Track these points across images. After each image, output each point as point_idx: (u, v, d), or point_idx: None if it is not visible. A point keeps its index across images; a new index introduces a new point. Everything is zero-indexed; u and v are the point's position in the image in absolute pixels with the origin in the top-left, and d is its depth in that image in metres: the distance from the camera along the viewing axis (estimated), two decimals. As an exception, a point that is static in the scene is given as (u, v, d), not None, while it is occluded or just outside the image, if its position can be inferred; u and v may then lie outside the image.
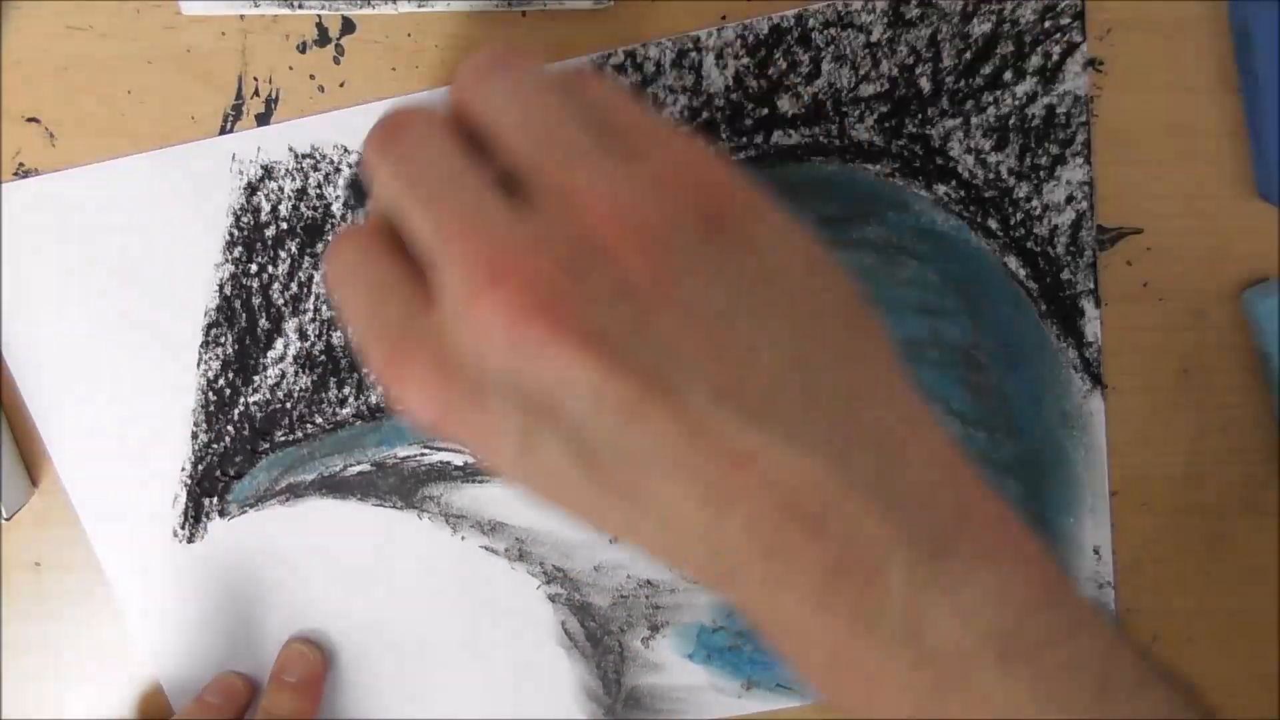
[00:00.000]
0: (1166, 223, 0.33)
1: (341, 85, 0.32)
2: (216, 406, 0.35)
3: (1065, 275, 0.33)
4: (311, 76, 0.32)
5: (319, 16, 0.31)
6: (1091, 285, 0.33)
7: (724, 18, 0.31)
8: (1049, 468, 0.35)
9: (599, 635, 0.37)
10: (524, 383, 0.19)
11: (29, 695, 0.38)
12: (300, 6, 0.31)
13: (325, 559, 0.36)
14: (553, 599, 0.37)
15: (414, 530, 0.36)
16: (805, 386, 0.20)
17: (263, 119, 0.32)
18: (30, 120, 0.33)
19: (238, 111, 0.32)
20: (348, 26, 0.32)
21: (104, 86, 0.32)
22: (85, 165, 0.33)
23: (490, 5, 0.31)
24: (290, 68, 0.32)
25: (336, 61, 0.32)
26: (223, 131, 0.32)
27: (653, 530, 0.20)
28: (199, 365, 0.34)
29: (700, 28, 0.31)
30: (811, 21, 0.31)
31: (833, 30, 0.31)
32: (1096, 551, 0.36)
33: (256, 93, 0.32)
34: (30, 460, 0.36)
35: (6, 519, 0.35)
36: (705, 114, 0.32)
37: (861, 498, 0.19)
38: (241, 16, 0.31)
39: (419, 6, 0.31)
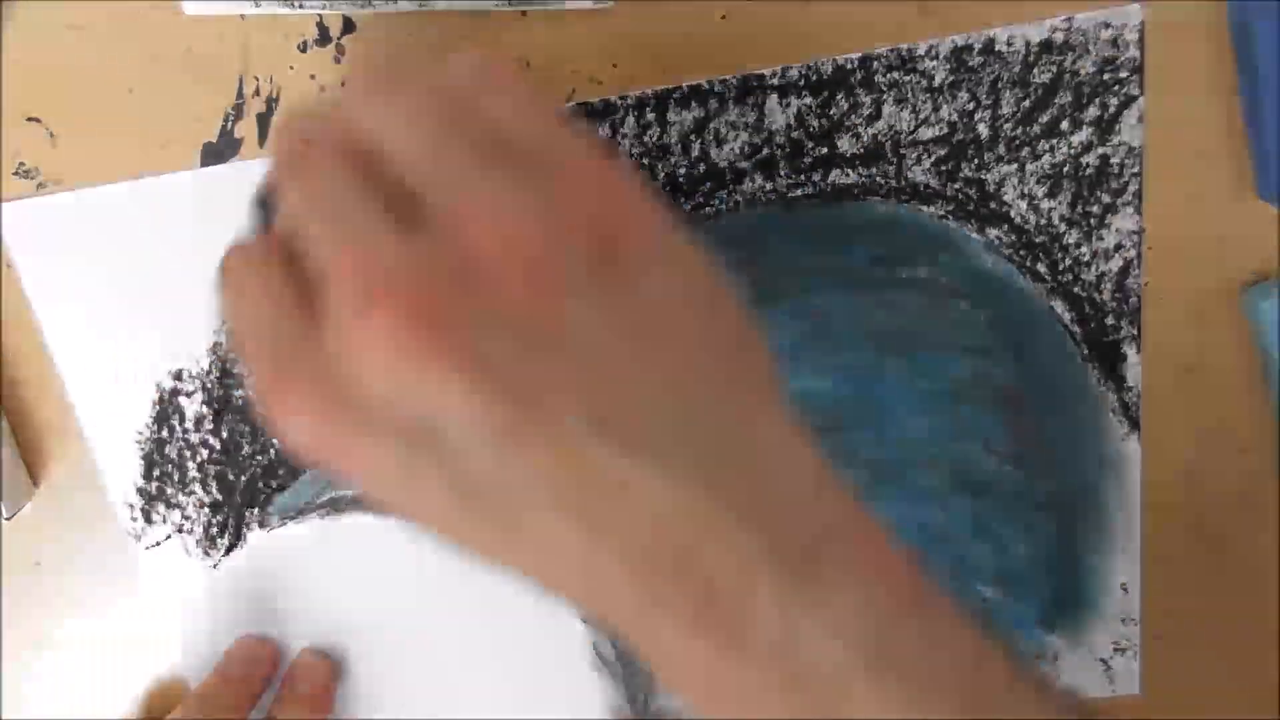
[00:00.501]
0: (1166, 223, 0.33)
1: (342, 85, 0.32)
2: (264, 419, 0.35)
3: (1109, 321, 0.34)
4: (312, 76, 0.32)
5: (319, 16, 0.31)
6: (1135, 331, 0.34)
7: (724, 17, 0.31)
8: (1084, 507, 0.35)
9: (629, 655, 0.37)
10: (403, 408, 0.19)
11: (29, 695, 0.38)
12: (301, 6, 0.31)
13: (359, 574, 0.36)
14: (585, 619, 0.37)
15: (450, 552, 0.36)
16: (682, 416, 0.20)
17: (263, 119, 0.32)
18: (30, 120, 0.33)
19: (238, 111, 0.32)
20: (348, 26, 0.32)
21: (104, 86, 0.32)
22: (121, 181, 0.33)
23: (490, 5, 0.31)
24: (291, 68, 0.32)
25: (337, 61, 0.32)
26: (223, 131, 0.32)
27: (532, 559, 0.20)
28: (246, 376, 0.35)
29: (701, 28, 0.31)
30: (876, 64, 0.31)
31: (896, 74, 0.31)
32: (1124, 588, 0.36)
33: (257, 92, 0.32)
34: (31, 461, 0.36)
35: (7, 519, 0.35)
36: (765, 150, 0.32)
37: (730, 522, 0.19)
38: (242, 16, 0.31)
39: (419, 6, 0.31)
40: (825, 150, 0.32)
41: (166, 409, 0.35)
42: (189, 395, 0.35)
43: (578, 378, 0.19)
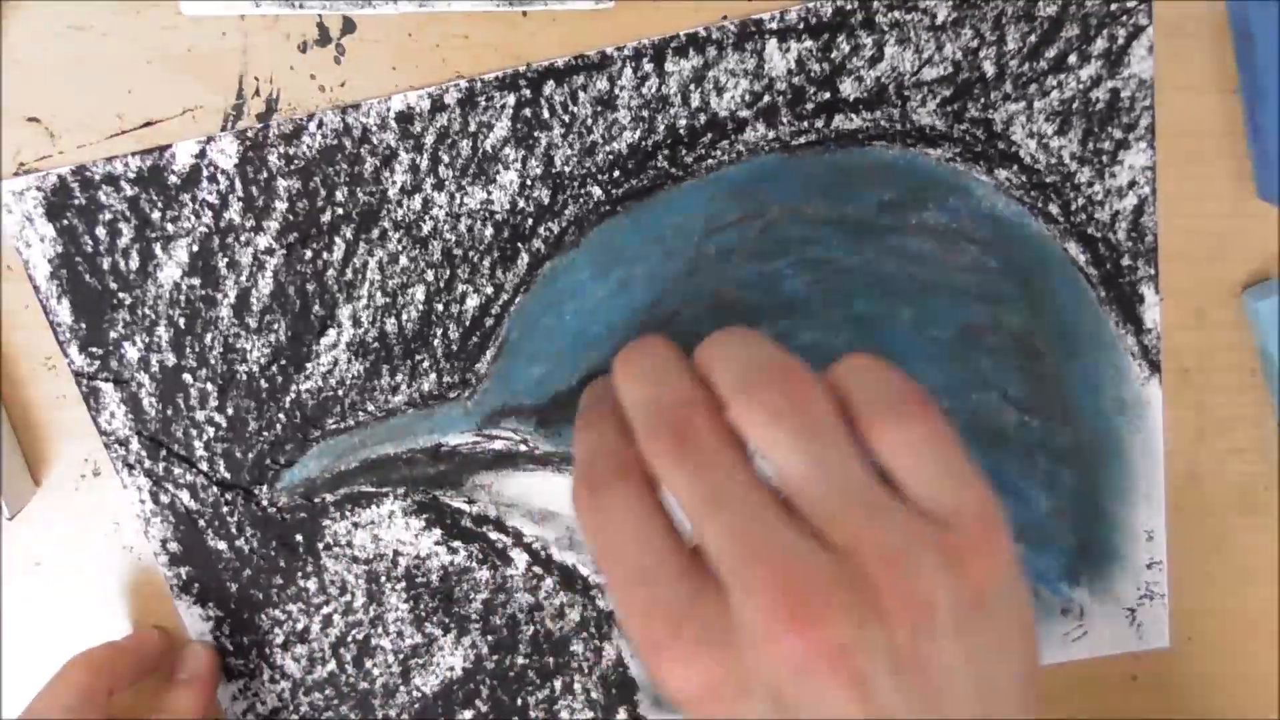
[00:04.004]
0: (1167, 223, 0.33)
1: (342, 85, 0.32)
2: (268, 394, 0.35)
3: (1125, 261, 0.33)
4: (312, 76, 0.32)
5: (319, 16, 0.31)
6: (1152, 271, 0.33)
7: (725, 17, 0.31)
8: (1105, 454, 0.35)
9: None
10: (784, 695, 0.22)
11: (29, 695, 0.37)
12: (301, 6, 0.31)
13: (366, 561, 0.36)
14: (602, 588, 0.37)
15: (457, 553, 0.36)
16: None
17: (263, 119, 0.32)
18: (30, 120, 0.32)
19: (238, 111, 0.32)
20: (348, 26, 0.31)
21: (104, 86, 0.32)
22: (127, 153, 0.32)
23: (491, 5, 0.31)
24: (291, 67, 0.32)
25: (337, 61, 0.32)
26: (224, 131, 0.32)
27: None
28: (251, 352, 0.34)
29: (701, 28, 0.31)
30: (876, 4, 0.31)
31: (897, 13, 0.31)
32: (1150, 535, 0.35)
33: (257, 92, 0.32)
34: (32, 461, 0.35)
35: (9, 519, 0.35)
36: (767, 98, 0.32)
37: None
38: (242, 16, 0.31)
39: (419, 6, 0.31)
40: (828, 95, 0.32)
41: (170, 388, 0.34)
42: (192, 372, 0.34)
43: (924, 695, 0.22)
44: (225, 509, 0.36)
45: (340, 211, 0.33)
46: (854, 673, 0.22)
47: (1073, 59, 0.31)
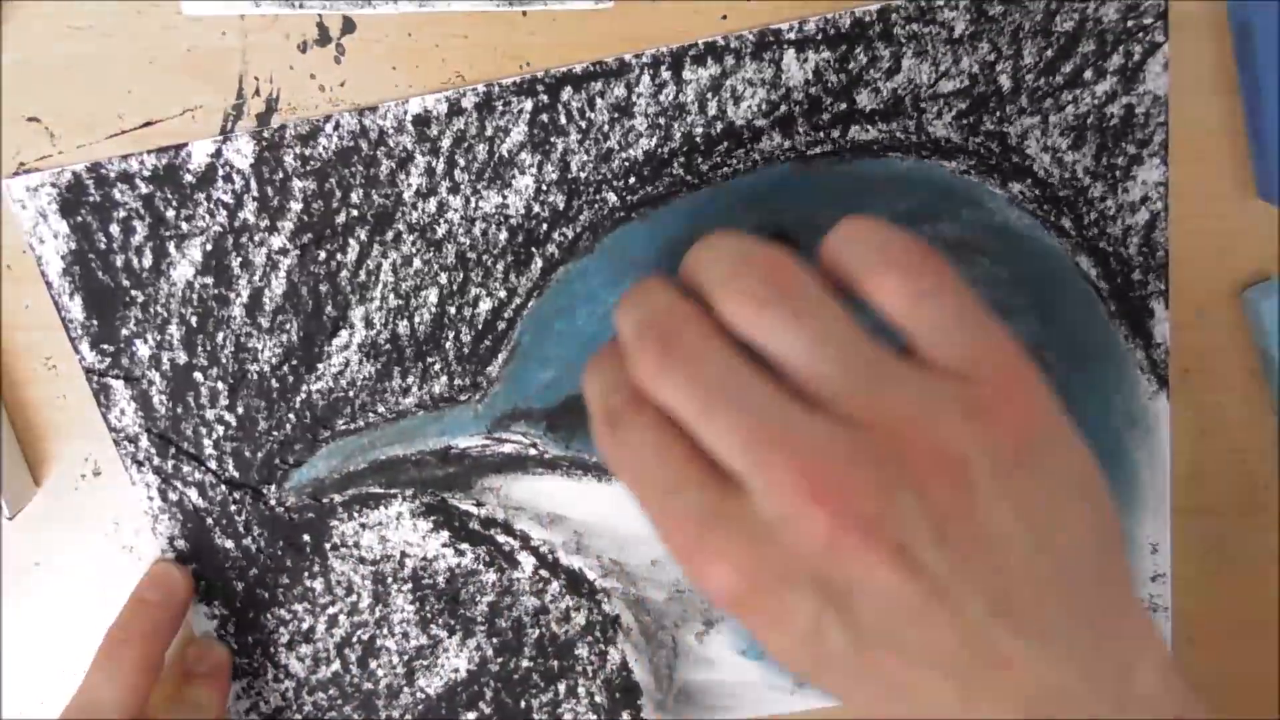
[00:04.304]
0: (1167, 223, 0.33)
1: (342, 84, 0.32)
2: (278, 394, 0.35)
3: (1136, 276, 0.33)
4: (312, 76, 0.32)
5: (319, 16, 0.31)
6: (1162, 287, 0.33)
7: (724, 17, 0.31)
8: (1112, 467, 0.35)
9: (653, 630, 0.37)
10: (827, 579, 0.22)
11: (29, 695, 0.37)
12: (301, 6, 0.31)
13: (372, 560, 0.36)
14: (608, 592, 0.37)
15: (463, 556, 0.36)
16: (1066, 603, 0.22)
17: (263, 119, 0.32)
18: (30, 120, 0.32)
19: (238, 111, 0.32)
20: (348, 26, 0.32)
21: (104, 86, 0.32)
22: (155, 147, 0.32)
23: (491, 5, 0.31)
24: (291, 67, 0.32)
25: (337, 61, 0.32)
26: (223, 131, 0.32)
27: (903, 711, 0.23)
28: (263, 352, 0.34)
29: (702, 28, 0.31)
30: (894, 16, 0.31)
31: (915, 25, 0.31)
32: (1155, 548, 0.36)
33: (257, 92, 0.32)
34: (32, 461, 0.35)
35: (9, 519, 0.35)
36: (783, 107, 0.32)
37: (1097, 705, 0.22)
38: (242, 16, 0.31)
39: (419, 6, 0.31)
40: (844, 106, 0.32)
41: (181, 385, 0.34)
42: (203, 370, 0.34)
43: (983, 566, 0.21)
44: (233, 508, 0.36)
45: (355, 213, 0.33)
46: (890, 542, 0.21)
47: (1088, 74, 0.31)
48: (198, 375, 0.34)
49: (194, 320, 0.34)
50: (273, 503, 0.36)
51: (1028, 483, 0.22)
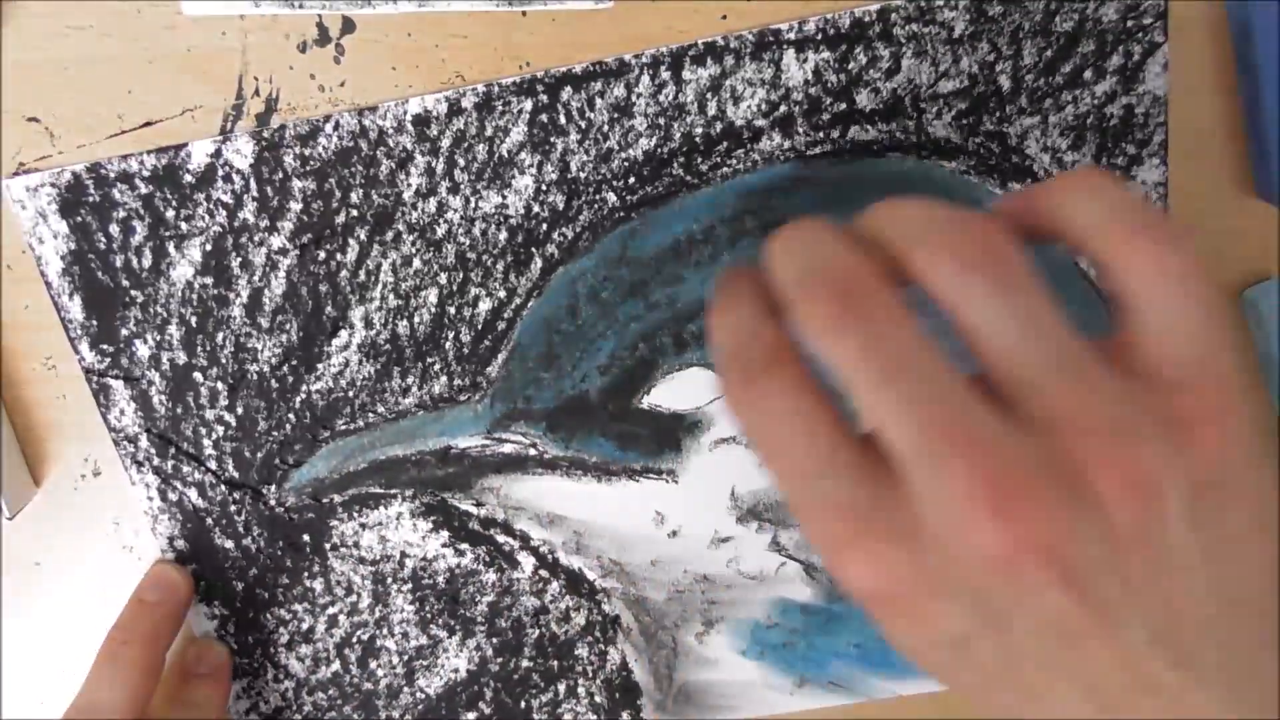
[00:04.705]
0: None
1: (342, 84, 0.32)
2: (278, 394, 0.35)
3: (1136, 276, 0.33)
4: (312, 76, 0.32)
5: (319, 16, 0.31)
6: (1162, 286, 0.33)
7: (724, 17, 0.31)
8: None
9: (653, 630, 0.37)
10: (987, 595, 0.20)
11: (29, 695, 0.37)
12: (301, 6, 0.31)
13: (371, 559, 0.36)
14: (608, 592, 0.37)
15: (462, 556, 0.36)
16: (1229, 640, 0.21)
17: (263, 119, 0.32)
18: (30, 120, 0.32)
19: (238, 111, 0.32)
20: (348, 26, 0.32)
21: (104, 86, 0.32)
22: (154, 148, 0.32)
23: (490, 5, 0.31)
24: (290, 67, 0.32)
25: (337, 61, 0.32)
26: (223, 131, 0.32)
27: (1032, 713, 0.21)
28: (262, 352, 0.34)
29: (702, 28, 0.31)
30: (894, 17, 0.31)
31: (915, 26, 0.31)
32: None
33: (257, 92, 0.32)
34: (32, 461, 0.35)
35: (9, 519, 0.35)
36: (783, 107, 0.32)
37: None
38: (242, 16, 0.31)
39: (419, 6, 0.31)
40: (844, 106, 0.32)
41: (181, 386, 0.34)
42: (203, 371, 0.34)
43: (1155, 595, 0.20)
44: (233, 508, 0.36)
45: (355, 213, 0.33)
46: (1067, 568, 0.19)
47: (1088, 74, 0.31)
48: (197, 375, 0.34)
49: (194, 320, 0.34)
50: (272, 503, 0.36)
51: (1217, 515, 0.20)
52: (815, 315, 0.21)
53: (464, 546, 0.36)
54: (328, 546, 0.36)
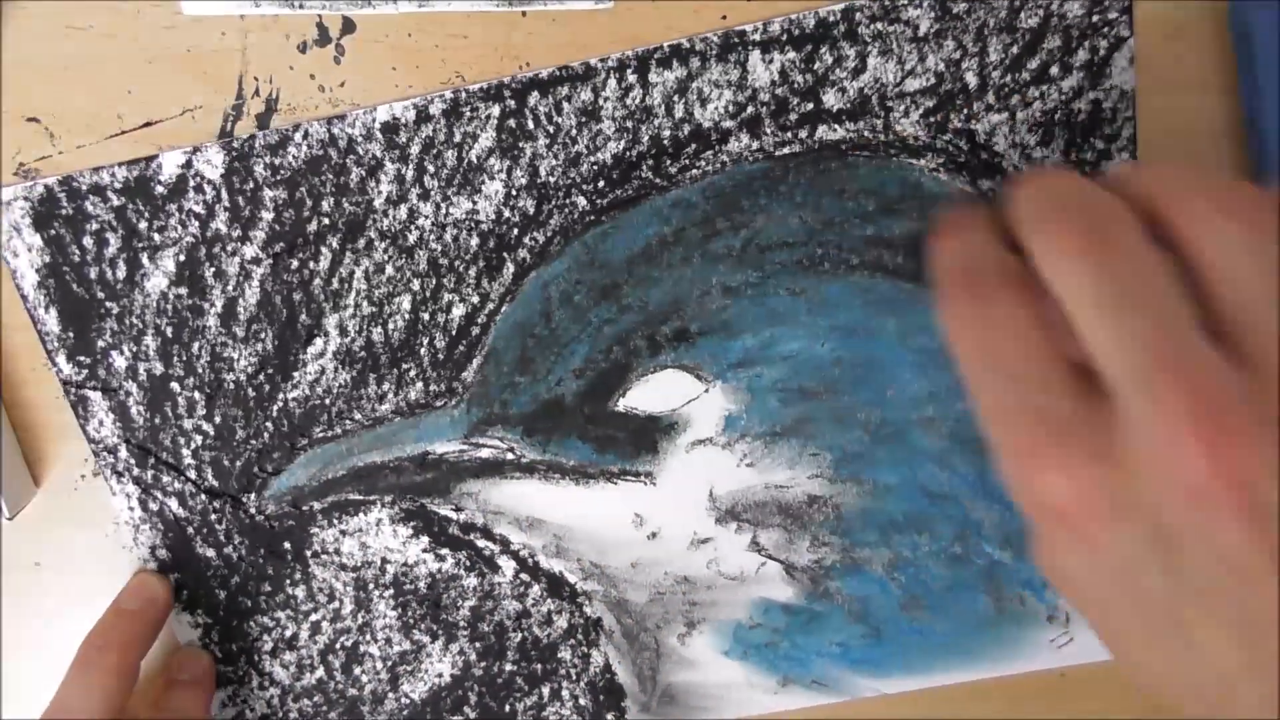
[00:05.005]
0: None
1: (342, 85, 0.32)
2: (255, 402, 0.35)
3: (1108, 271, 0.33)
4: (312, 76, 0.32)
5: (319, 16, 0.31)
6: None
7: (724, 17, 0.31)
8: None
9: (635, 632, 0.37)
10: (1172, 526, 0.20)
11: (29, 695, 0.38)
12: (301, 6, 0.31)
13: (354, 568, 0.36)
14: (589, 595, 0.37)
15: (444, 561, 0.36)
16: None
17: (263, 119, 0.32)
18: (30, 120, 0.32)
19: (238, 111, 0.32)
20: (348, 26, 0.32)
21: (104, 86, 0.32)
22: (119, 161, 0.32)
23: (490, 5, 0.31)
24: (290, 67, 0.32)
25: (337, 61, 0.32)
26: (223, 132, 0.32)
27: (1179, 671, 0.22)
28: (238, 361, 0.34)
29: (702, 28, 0.31)
30: (859, 16, 0.31)
31: (880, 24, 0.31)
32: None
33: (257, 93, 0.32)
34: (32, 460, 0.35)
35: (9, 519, 0.35)
36: (750, 108, 0.32)
37: None
38: (242, 16, 0.31)
39: (419, 6, 0.31)
40: (811, 106, 0.32)
41: (158, 396, 0.35)
42: (180, 381, 0.34)
43: None
44: (214, 516, 0.36)
45: (326, 221, 0.33)
46: (1257, 504, 0.20)
47: (1054, 70, 0.31)
48: (174, 385, 0.34)
49: (169, 331, 0.34)
50: (253, 511, 0.36)
51: None
52: (1058, 237, 0.22)
53: (444, 551, 0.36)
54: (309, 554, 0.36)
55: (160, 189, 0.33)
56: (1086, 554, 0.22)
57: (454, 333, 0.34)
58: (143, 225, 0.33)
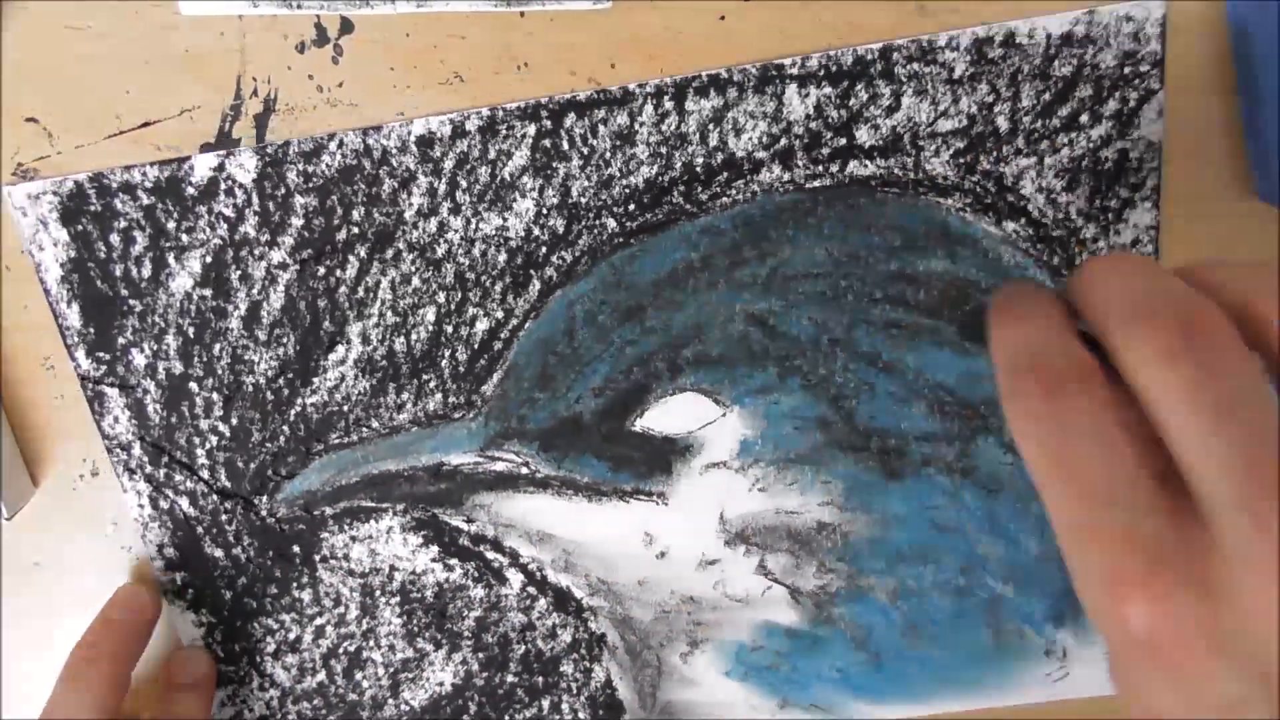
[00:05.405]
0: (1166, 224, 0.33)
1: (340, 85, 0.32)
2: (273, 406, 0.35)
3: (1125, 316, 0.34)
4: (310, 76, 0.32)
5: (318, 16, 0.31)
6: (1150, 327, 0.34)
7: (723, 18, 0.31)
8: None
9: (638, 649, 0.37)
10: (1270, 654, 0.19)
11: (29, 695, 0.38)
12: (299, 6, 0.31)
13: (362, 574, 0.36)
14: (595, 610, 0.37)
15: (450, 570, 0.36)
16: None
17: (261, 119, 0.32)
18: (30, 120, 0.32)
19: (236, 112, 0.32)
20: (346, 26, 0.32)
21: (104, 86, 0.32)
22: (150, 162, 0.32)
23: (489, 5, 0.31)
24: (289, 68, 0.32)
25: (335, 61, 0.32)
26: (221, 131, 0.32)
27: None
28: (259, 364, 0.34)
29: (700, 28, 0.31)
30: (896, 55, 0.31)
31: (916, 65, 0.31)
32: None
33: (255, 93, 0.32)
34: (31, 460, 0.35)
35: (8, 519, 0.35)
36: (784, 140, 0.32)
37: None
38: (240, 16, 0.31)
39: (418, 7, 0.31)
40: (844, 141, 0.32)
41: (176, 395, 0.35)
42: (199, 381, 0.34)
43: None
44: (224, 517, 0.36)
45: (355, 230, 0.33)
46: None
47: (1084, 118, 0.32)
48: (193, 385, 0.34)
49: (191, 331, 0.34)
50: (264, 513, 0.36)
51: None
52: (1153, 340, 0.20)
53: (453, 562, 0.36)
54: (317, 558, 0.36)
55: (191, 190, 0.33)
56: (1184, 691, 0.20)
57: (476, 346, 0.34)
58: (171, 225, 0.33)
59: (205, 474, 0.35)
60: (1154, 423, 0.21)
